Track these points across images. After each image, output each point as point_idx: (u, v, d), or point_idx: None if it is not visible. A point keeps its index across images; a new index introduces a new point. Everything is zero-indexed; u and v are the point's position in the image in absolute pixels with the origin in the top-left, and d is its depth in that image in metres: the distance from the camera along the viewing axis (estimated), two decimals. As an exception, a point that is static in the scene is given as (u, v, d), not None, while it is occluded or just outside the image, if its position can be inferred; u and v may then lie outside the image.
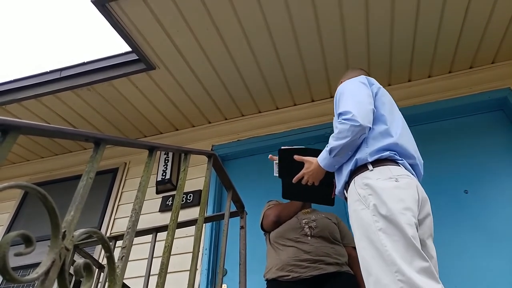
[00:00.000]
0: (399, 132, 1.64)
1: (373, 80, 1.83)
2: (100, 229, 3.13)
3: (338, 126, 1.59)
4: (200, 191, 3.02)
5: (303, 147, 1.99)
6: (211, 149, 3.35)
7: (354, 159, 1.58)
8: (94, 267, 2.10)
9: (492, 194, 2.52)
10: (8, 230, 3.38)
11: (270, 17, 2.52)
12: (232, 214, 1.72)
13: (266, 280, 2.09)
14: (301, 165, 1.84)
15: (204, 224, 2.79)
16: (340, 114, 1.62)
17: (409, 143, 1.68)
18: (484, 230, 2.39)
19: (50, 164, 3.84)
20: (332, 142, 1.61)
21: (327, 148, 1.65)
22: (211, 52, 2.78)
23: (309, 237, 2.10)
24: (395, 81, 3.12)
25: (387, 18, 2.58)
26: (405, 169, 1.57)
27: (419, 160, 1.70)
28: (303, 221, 2.18)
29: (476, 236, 2.37)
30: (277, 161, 2.04)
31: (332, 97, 3.28)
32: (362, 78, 1.80)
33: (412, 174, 1.61)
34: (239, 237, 1.74)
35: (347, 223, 2.53)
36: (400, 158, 1.58)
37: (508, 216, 2.39)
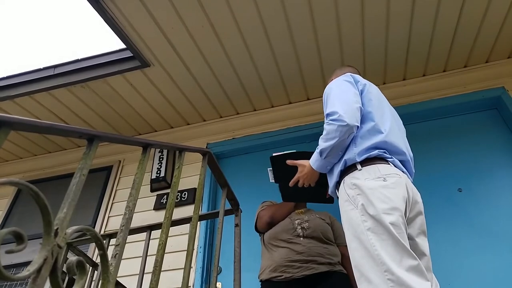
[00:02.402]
0: (388, 128, 1.63)
1: (358, 77, 1.82)
2: (94, 227, 3.11)
3: (326, 127, 1.59)
4: (195, 189, 3.01)
5: (294, 151, 1.99)
6: (206, 147, 3.34)
7: (343, 159, 1.58)
8: (88, 265, 2.09)
9: (486, 193, 2.53)
10: (1, 228, 3.36)
11: (266, 15, 2.52)
12: (227, 212, 1.71)
13: (260, 281, 2.10)
14: (295, 168, 1.85)
15: (199, 222, 2.79)
16: (327, 115, 1.62)
17: (399, 139, 1.67)
18: (477, 228, 2.40)
19: (43, 161, 3.81)
20: (322, 144, 1.61)
21: (317, 150, 1.65)
22: (207, 50, 2.77)
23: (301, 238, 2.10)
24: (390, 79, 3.13)
25: (382, 17, 2.58)
26: (395, 167, 1.57)
27: (409, 155, 1.70)
28: (296, 222, 2.19)
29: (469, 234, 2.39)
30: (270, 168, 2.05)
31: (327, 95, 3.28)
32: (347, 76, 1.79)
33: (403, 171, 1.60)
34: (234, 235, 1.74)
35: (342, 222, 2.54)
36: (390, 156, 1.57)
37: (501, 214, 2.41)
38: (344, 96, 1.66)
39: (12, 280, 0.56)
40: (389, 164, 1.55)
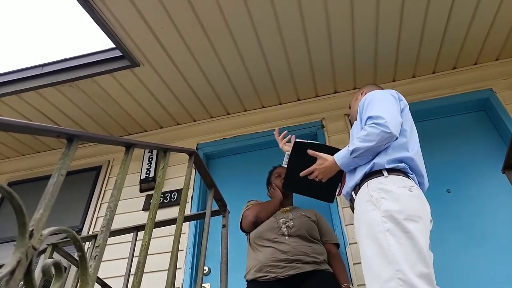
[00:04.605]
0: (416, 149, 1.70)
1: (402, 96, 1.88)
2: (82, 228, 3.08)
3: (367, 129, 1.62)
4: (184, 189, 2.99)
5: (318, 142, 1.99)
6: (196, 148, 3.33)
7: (372, 163, 1.61)
8: (75, 266, 2.06)
9: (474, 194, 2.55)
10: (-13, 229, 3.31)
11: (256, 15, 2.51)
12: (214, 213, 1.70)
13: (246, 281, 2.10)
14: (312, 160, 1.83)
15: (188, 223, 2.78)
16: (370, 118, 1.65)
17: (421, 163, 1.73)
18: (465, 228, 2.42)
19: (32, 161, 3.77)
20: (357, 143, 1.62)
21: (349, 148, 1.66)
22: (197, 50, 2.76)
23: (286, 237, 2.10)
24: (380, 80, 3.14)
25: (371, 19, 2.59)
26: (415, 183, 1.62)
27: (426, 181, 1.75)
28: (281, 221, 2.18)
29: (457, 235, 2.40)
30: (289, 153, 2.00)
31: (318, 96, 3.29)
32: (393, 92, 1.85)
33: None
34: (221, 236, 1.73)
35: (331, 221, 2.55)
36: (411, 173, 1.63)
37: (490, 216, 2.43)
38: (390, 107, 1.71)
39: (-17, 282, 0.54)
40: (410, 179, 1.60)
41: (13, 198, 0.61)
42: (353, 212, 1.68)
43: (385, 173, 1.57)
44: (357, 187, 1.66)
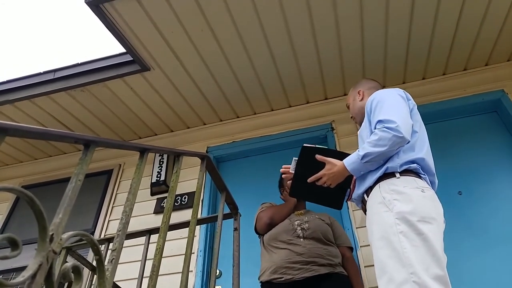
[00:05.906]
0: (426, 149, 1.68)
1: (409, 95, 1.85)
2: (94, 231, 3.11)
3: (378, 133, 1.58)
4: (195, 192, 3.00)
5: (326, 147, 1.93)
6: (206, 151, 3.34)
7: (385, 167, 1.59)
8: (88, 269, 2.09)
9: (486, 196, 2.53)
10: (1, 232, 3.35)
11: (265, 18, 2.52)
12: (226, 216, 1.71)
13: (261, 282, 2.10)
14: (320, 165, 1.79)
15: (199, 226, 2.79)
16: (380, 121, 1.61)
17: (432, 162, 1.71)
18: (477, 231, 2.40)
19: (44, 165, 3.82)
20: (368, 148, 1.58)
21: (359, 153, 1.62)
22: (206, 54, 2.78)
23: (301, 239, 2.10)
24: (390, 83, 3.13)
25: (381, 21, 2.59)
26: (427, 183, 1.60)
27: (436, 179, 1.73)
28: (296, 223, 2.18)
29: (469, 237, 2.38)
30: (296, 158, 1.92)
31: (327, 98, 3.29)
32: (401, 92, 1.81)
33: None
34: (233, 239, 1.74)
35: (341, 223, 2.54)
36: (423, 173, 1.61)
37: (501, 217, 2.41)
38: (401, 110, 1.67)
39: (6, 286, 0.56)
40: (422, 179, 1.59)
41: (34, 203, 0.63)
42: (365, 214, 1.67)
43: (397, 175, 1.56)
44: (369, 189, 1.64)
